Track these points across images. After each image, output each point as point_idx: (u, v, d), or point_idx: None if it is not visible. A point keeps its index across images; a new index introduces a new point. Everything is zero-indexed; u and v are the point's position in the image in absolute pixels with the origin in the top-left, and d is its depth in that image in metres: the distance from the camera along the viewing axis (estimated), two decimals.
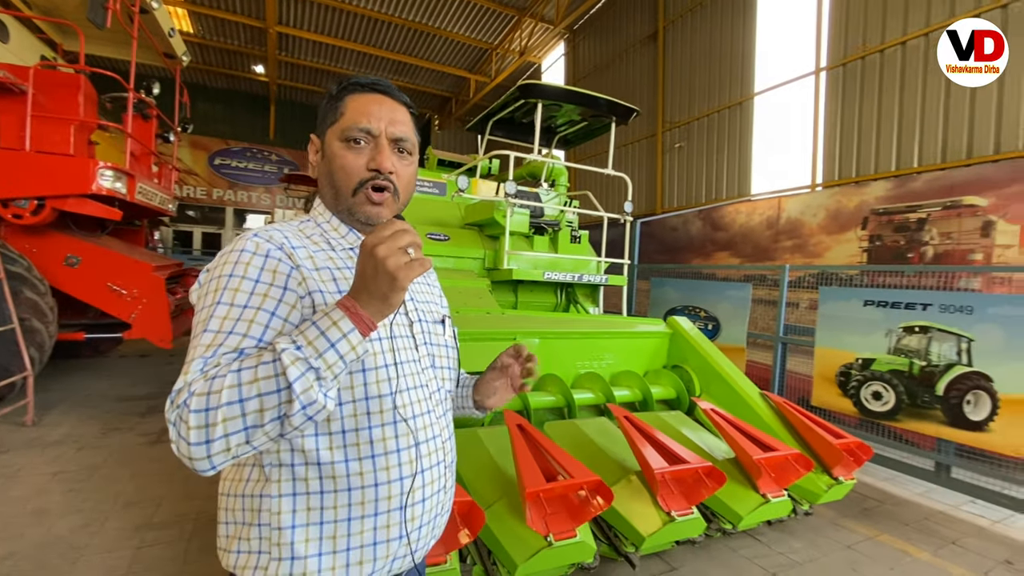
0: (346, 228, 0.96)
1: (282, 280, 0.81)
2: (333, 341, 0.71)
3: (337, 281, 0.88)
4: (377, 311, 0.74)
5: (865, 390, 3.74)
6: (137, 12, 4.67)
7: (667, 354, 3.65)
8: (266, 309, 0.78)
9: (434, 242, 4.25)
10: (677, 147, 10.10)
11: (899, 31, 6.41)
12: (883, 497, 3.38)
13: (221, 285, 0.79)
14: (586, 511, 1.92)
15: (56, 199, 4.16)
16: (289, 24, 13.08)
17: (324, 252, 0.91)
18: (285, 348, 0.69)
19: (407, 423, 0.89)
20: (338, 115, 0.91)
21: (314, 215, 0.98)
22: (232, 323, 0.76)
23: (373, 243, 0.71)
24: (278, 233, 0.87)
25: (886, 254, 5.11)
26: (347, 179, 0.90)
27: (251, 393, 0.68)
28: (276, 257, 0.82)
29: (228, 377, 0.68)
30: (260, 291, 0.79)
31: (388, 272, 0.70)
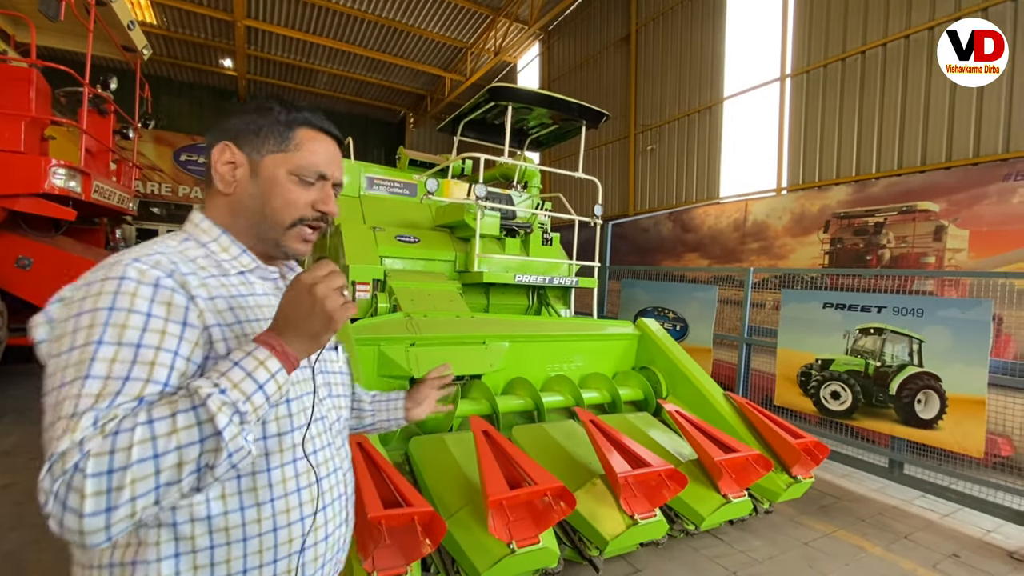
0: (238, 248, 0.87)
1: (180, 314, 0.71)
2: (261, 383, 0.67)
3: (235, 311, 0.80)
4: (303, 349, 0.72)
5: (824, 390, 3.86)
6: (93, 4, 4.49)
7: (636, 356, 3.69)
8: (167, 349, 0.69)
9: (404, 244, 4.21)
10: (649, 149, 10.24)
11: (859, 40, 6.63)
12: (840, 494, 3.49)
13: (98, 320, 0.66)
14: (549, 517, 1.93)
15: (6, 199, 3.98)
16: (258, 18, 12.76)
17: (216, 278, 0.81)
18: (210, 393, 0.63)
19: (308, 459, 0.84)
20: (289, 146, 0.86)
21: (194, 233, 0.86)
22: (126, 367, 0.65)
23: (311, 281, 0.70)
24: (164, 258, 0.75)
25: (846, 256, 5.28)
26: (289, 213, 0.86)
27: (168, 447, 0.60)
28: (168, 287, 0.71)
29: (138, 431, 0.59)
30: (155, 327, 0.68)
31: (326, 312, 0.70)
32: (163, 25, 13.17)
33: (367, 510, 1.61)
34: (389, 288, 3.72)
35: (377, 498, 1.69)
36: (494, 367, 3.14)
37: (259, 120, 0.87)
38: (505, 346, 3.22)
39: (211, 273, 0.81)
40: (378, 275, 3.82)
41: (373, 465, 1.89)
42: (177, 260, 0.77)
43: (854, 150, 6.66)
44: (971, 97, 5.58)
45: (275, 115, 0.88)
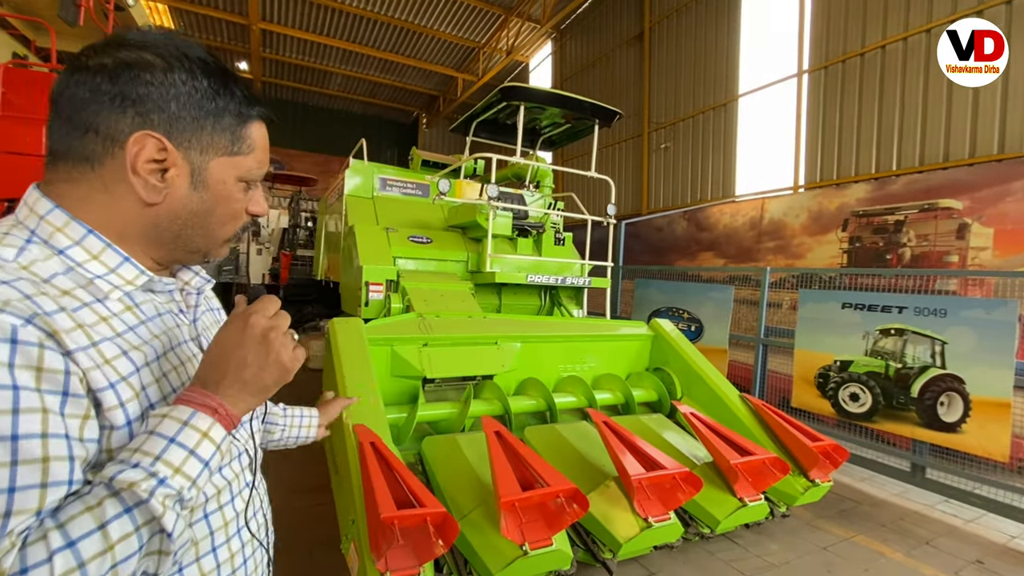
0: (115, 255, 0.61)
1: (57, 381, 0.50)
2: (207, 459, 0.53)
3: (130, 354, 0.58)
4: (247, 407, 0.58)
5: (843, 391, 3.79)
6: (112, 9, 4.57)
7: (649, 357, 3.66)
8: (55, 433, 0.49)
9: (417, 245, 4.22)
10: (663, 148, 10.15)
11: (879, 35, 6.50)
12: (860, 498, 3.42)
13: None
14: (562, 519, 1.92)
15: None
16: (273, 20, 12.91)
17: (87, 308, 0.56)
18: (153, 487, 0.48)
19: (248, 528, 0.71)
20: (242, 147, 0.66)
21: (41, 231, 0.57)
22: (7, 472, 0.45)
23: (265, 327, 0.57)
24: (9, 290, 0.50)
25: (866, 255, 5.18)
26: (231, 226, 0.70)
27: (103, 569, 0.46)
28: (33, 341, 0.49)
29: (58, 561, 0.44)
30: (29, 404, 0.47)
31: (281, 363, 0.58)
32: (181, 29, 13.38)
33: (380, 510, 1.61)
34: (402, 289, 3.73)
35: (390, 498, 1.68)
36: (506, 367, 3.13)
37: (208, 105, 0.62)
38: (517, 347, 3.21)
39: (81, 301, 0.56)
40: (391, 276, 3.83)
41: (386, 465, 1.89)
42: (30, 290, 0.51)
43: (874, 147, 6.53)
44: (995, 92, 5.43)
45: (230, 101, 0.65)
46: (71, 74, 0.58)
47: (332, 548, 2.28)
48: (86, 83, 0.57)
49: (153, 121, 0.59)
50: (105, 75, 0.57)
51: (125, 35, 0.60)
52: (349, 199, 4.66)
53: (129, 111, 0.58)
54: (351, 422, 2.23)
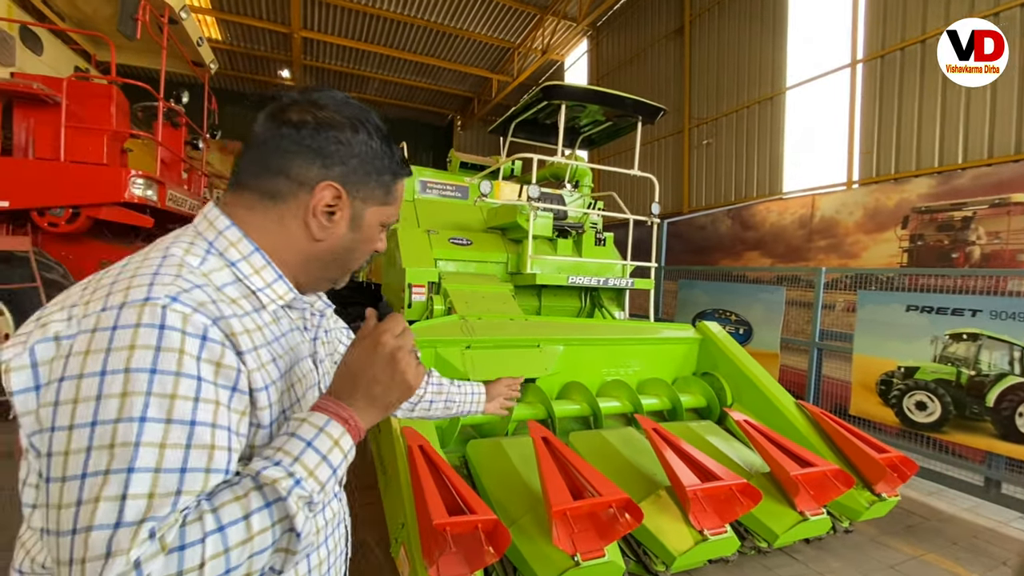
0: (273, 273, 0.68)
1: (231, 377, 0.56)
2: (336, 466, 0.57)
3: (277, 362, 0.65)
4: (372, 419, 0.62)
5: (908, 400, 3.56)
6: (166, 23, 4.77)
7: (697, 361, 3.54)
8: (222, 425, 0.54)
9: (456, 246, 4.22)
10: (705, 144, 9.87)
11: (941, 20, 6.10)
12: (928, 513, 3.21)
13: (136, 387, 0.49)
14: (614, 530, 1.86)
15: (90, 208, 4.28)
16: (313, 28, 13.25)
17: (250, 316, 0.63)
18: (291, 486, 0.53)
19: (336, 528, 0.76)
20: (389, 199, 0.75)
21: (218, 244, 0.65)
22: (180, 452, 0.50)
23: (395, 346, 0.60)
24: (200, 293, 0.57)
25: (929, 254, 4.87)
26: (363, 260, 0.78)
27: (242, 558, 0.50)
28: (218, 340, 0.56)
29: (209, 544, 0.48)
30: (208, 396, 0.53)
31: (407, 382, 0.61)
32: (227, 40, 13.94)
33: (432, 516, 1.59)
34: (444, 291, 3.73)
35: (441, 504, 1.67)
36: (548, 371, 3.08)
37: (377, 163, 0.71)
38: (560, 349, 3.16)
39: (245, 310, 0.63)
40: (433, 278, 3.84)
41: (435, 469, 1.88)
42: (215, 296, 0.59)
43: (936, 139, 6.14)
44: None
45: (391, 161, 0.73)
46: (277, 125, 0.66)
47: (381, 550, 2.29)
48: (290, 136, 0.66)
49: (335, 172, 0.68)
50: (307, 131, 0.66)
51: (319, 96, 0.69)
52: None
53: (318, 162, 0.67)
54: (399, 424, 2.23)
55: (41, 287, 3.96)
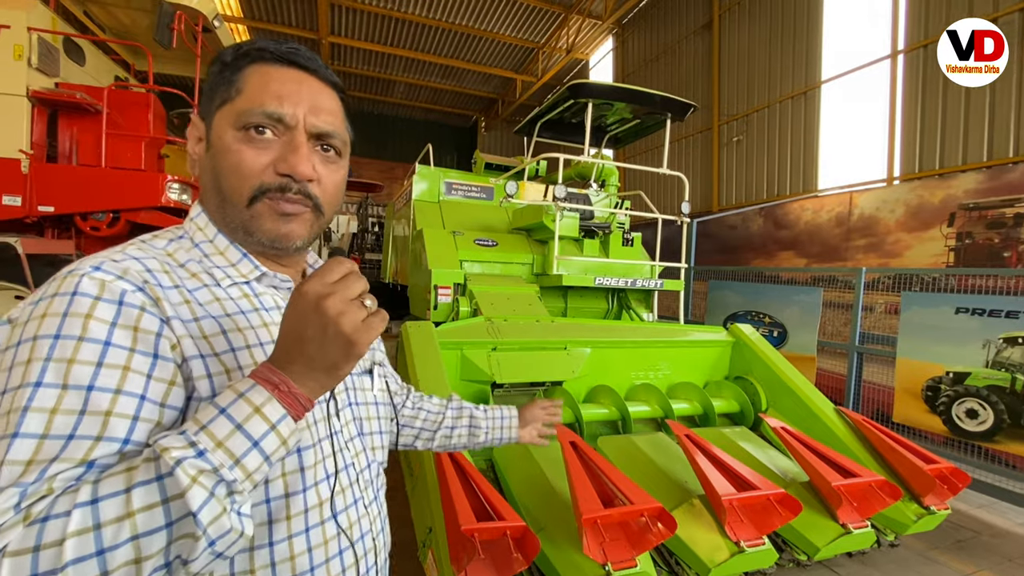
0: (237, 252, 0.66)
1: (149, 343, 0.53)
2: (256, 438, 0.48)
3: (228, 334, 0.60)
4: (317, 387, 0.52)
5: (957, 407, 3.37)
6: (200, 32, 4.90)
7: (729, 364, 3.44)
8: (130, 392, 0.50)
9: (482, 247, 4.21)
10: (735, 140, 9.63)
11: (990, 7, 5.80)
12: (980, 527, 3.03)
13: (38, 354, 0.48)
14: (647, 539, 1.80)
15: (129, 211, 4.43)
16: (341, 34, 13.49)
17: (207, 290, 0.62)
18: (181, 457, 0.45)
19: (326, 526, 0.65)
20: (233, 92, 0.63)
21: (190, 230, 0.67)
22: (71, 419, 0.47)
23: (319, 292, 0.49)
24: (134, 263, 0.57)
25: (978, 253, 4.62)
26: (240, 183, 0.62)
27: (120, 538, 0.43)
28: (135, 304, 0.53)
29: (75, 517, 0.42)
30: (115, 361, 0.50)
31: (343, 334, 0.49)
32: None
33: (460, 521, 1.57)
34: (469, 292, 3.72)
35: (469, 509, 1.64)
36: (576, 373, 3.03)
37: (212, 75, 0.66)
38: (587, 352, 3.11)
39: (201, 283, 0.62)
40: (459, 279, 3.84)
41: (463, 474, 1.85)
42: (157, 267, 0.59)
43: (985, 131, 5.83)
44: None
45: (222, 59, 0.66)
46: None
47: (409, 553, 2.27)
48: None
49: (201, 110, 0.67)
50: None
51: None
52: (417, 204, 4.73)
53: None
54: None
55: None
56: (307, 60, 0.66)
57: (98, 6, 5.01)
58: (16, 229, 4.25)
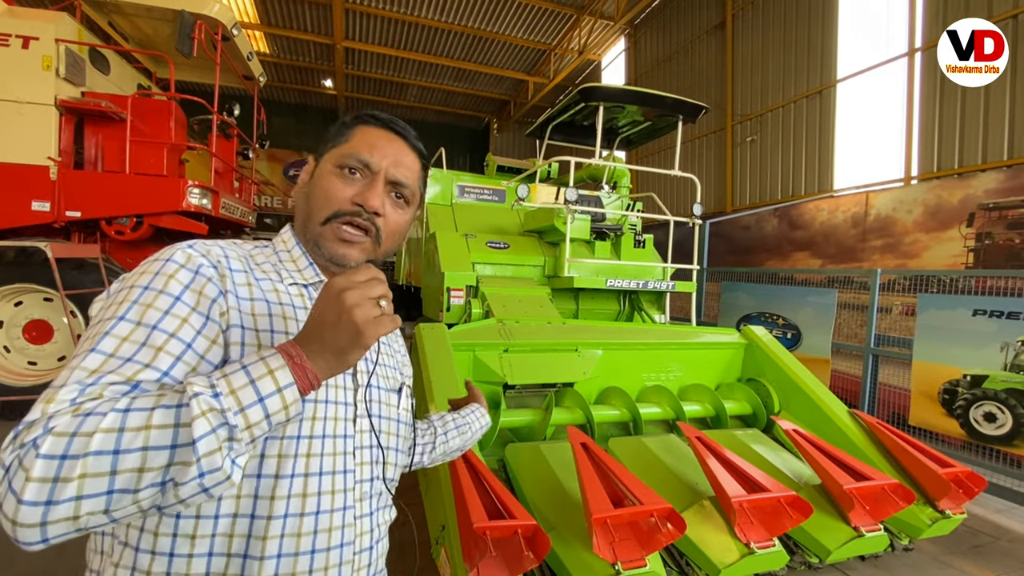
0: (306, 261, 0.81)
1: (206, 305, 0.66)
2: (263, 395, 0.56)
3: (273, 317, 0.72)
4: (327, 367, 0.60)
5: (975, 410, 3.32)
6: (220, 40, 5.01)
7: (742, 366, 3.43)
8: (180, 338, 0.62)
9: (494, 250, 4.25)
10: (749, 140, 9.55)
11: (1009, 3, 5.69)
12: (997, 532, 2.99)
13: (131, 297, 0.63)
14: (656, 539, 1.82)
15: (152, 216, 4.55)
16: (355, 39, 13.64)
17: (270, 282, 0.76)
18: (198, 392, 0.53)
19: (304, 519, 0.69)
20: (342, 140, 0.81)
21: (275, 242, 0.84)
22: (134, 347, 0.59)
23: (342, 286, 0.59)
24: (218, 248, 0.72)
25: (998, 254, 4.54)
26: (325, 204, 0.77)
27: (134, 444, 0.50)
28: (206, 276, 0.67)
29: (109, 417, 0.51)
30: (179, 312, 0.63)
31: (354, 323, 0.57)
32: (274, 53, 14.54)
33: (472, 520, 1.61)
34: (481, 294, 3.76)
35: (481, 508, 1.68)
36: (587, 375, 3.05)
37: (333, 129, 0.85)
38: (598, 354, 3.13)
39: (268, 277, 0.76)
40: (471, 281, 3.88)
41: (475, 473, 1.89)
42: (234, 256, 0.74)
43: (1005, 130, 5.72)
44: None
45: (343, 120, 0.85)
46: None
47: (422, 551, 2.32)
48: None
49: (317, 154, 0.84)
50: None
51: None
52: (429, 207, 4.78)
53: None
54: None
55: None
56: (401, 129, 0.84)
57: (122, 16, 5.14)
58: (45, 234, 4.39)
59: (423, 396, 2.45)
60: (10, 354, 4.32)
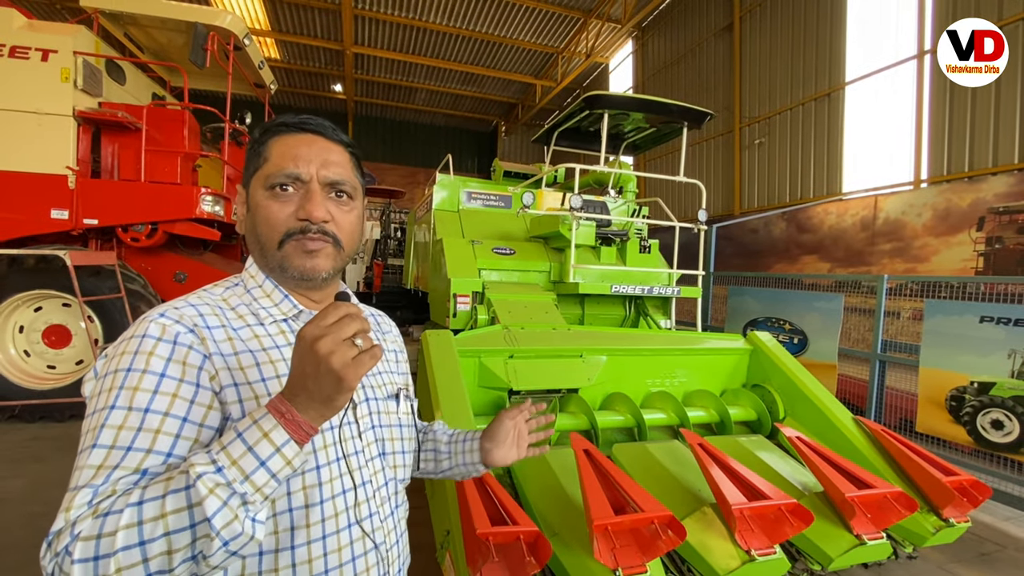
0: (280, 294, 0.80)
1: (193, 374, 0.66)
2: (263, 459, 0.57)
3: (261, 366, 0.73)
4: (318, 415, 0.60)
5: (982, 417, 3.30)
6: (232, 50, 5.11)
7: (747, 372, 3.44)
8: (175, 415, 0.63)
9: (500, 256, 4.29)
10: (757, 143, 9.51)
11: (1020, 4, 5.64)
12: (1005, 540, 2.97)
13: (116, 383, 0.63)
14: (657, 546, 1.85)
15: (166, 223, 4.66)
16: (364, 44, 13.78)
17: (249, 328, 0.76)
18: (202, 472, 0.55)
19: (340, 535, 0.74)
20: (261, 161, 0.78)
21: (244, 278, 0.82)
22: (131, 434, 0.60)
23: (314, 335, 0.57)
24: (190, 310, 0.72)
25: (1008, 259, 4.50)
26: (271, 231, 0.76)
27: (156, 533, 0.53)
28: (186, 344, 0.67)
29: (126, 514, 0.54)
30: (167, 389, 0.64)
31: (332, 371, 0.57)
32: (284, 59, 14.72)
33: (475, 525, 1.64)
34: (487, 300, 3.80)
35: (484, 514, 1.72)
36: (592, 381, 3.08)
37: (248, 150, 0.82)
38: (603, 360, 3.15)
39: (245, 323, 0.76)
40: (477, 287, 3.92)
41: (480, 480, 1.93)
42: (206, 312, 0.73)
43: (1016, 133, 5.66)
44: None
45: (253, 136, 0.82)
46: None
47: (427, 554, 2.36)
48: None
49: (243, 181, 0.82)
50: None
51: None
52: (437, 213, 4.84)
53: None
54: None
55: (125, 297, 4.35)
56: (316, 126, 0.80)
57: (137, 28, 5.27)
58: (62, 241, 4.51)
59: (429, 402, 2.50)
60: (30, 358, 4.44)
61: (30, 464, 3.47)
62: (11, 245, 4.26)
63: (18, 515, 2.80)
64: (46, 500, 2.96)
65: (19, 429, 4.14)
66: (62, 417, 4.31)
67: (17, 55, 4.28)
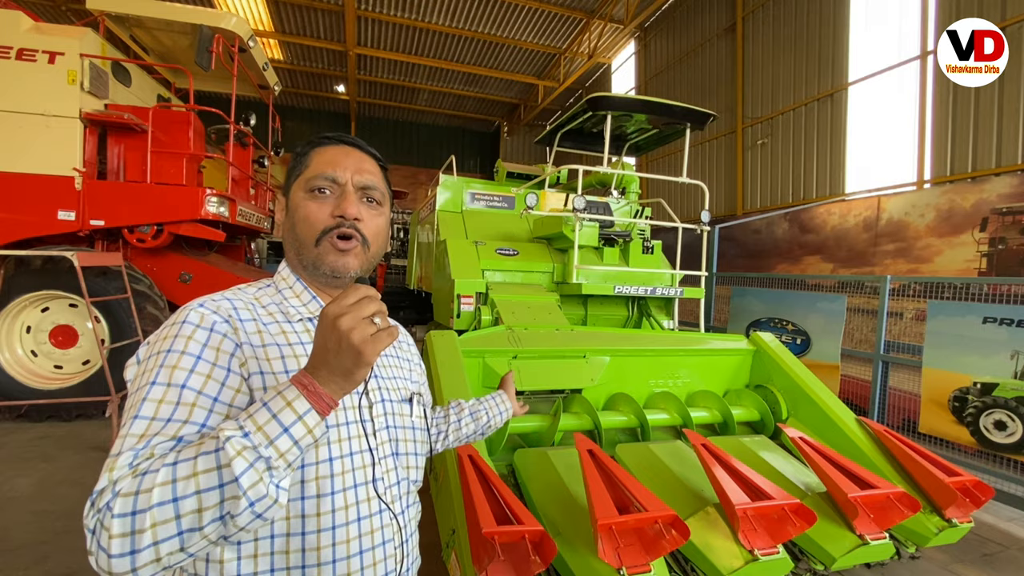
0: (309, 295, 0.89)
1: (225, 360, 0.73)
2: (287, 425, 0.62)
3: (285, 359, 0.79)
4: (339, 388, 0.65)
5: (985, 418, 3.31)
6: (236, 52, 5.14)
7: (750, 373, 3.45)
8: (207, 394, 0.70)
9: (503, 257, 4.31)
10: (760, 143, 9.51)
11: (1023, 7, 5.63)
12: (1008, 541, 2.97)
13: (158, 362, 0.71)
14: (660, 546, 1.86)
15: (172, 224, 4.69)
16: (367, 45, 13.82)
17: (277, 324, 0.83)
18: (231, 436, 0.60)
19: (349, 527, 0.78)
20: (303, 167, 0.88)
21: (276, 280, 0.91)
22: (170, 407, 0.67)
23: (335, 313, 0.63)
24: (227, 303, 0.80)
25: (1012, 259, 4.50)
26: (310, 229, 0.84)
27: (188, 491, 0.58)
28: (221, 332, 0.75)
29: (161, 472, 0.59)
30: (202, 370, 0.71)
31: (352, 346, 0.62)
32: (288, 60, 14.77)
33: (481, 525, 1.66)
34: (491, 301, 3.82)
35: (490, 513, 1.73)
36: (595, 381, 3.09)
37: (291, 162, 0.92)
38: (606, 360, 3.17)
39: (274, 319, 0.83)
40: (480, 288, 3.94)
41: (485, 480, 1.95)
42: (240, 306, 0.81)
43: (1020, 133, 5.65)
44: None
45: (296, 151, 0.92)
46: None
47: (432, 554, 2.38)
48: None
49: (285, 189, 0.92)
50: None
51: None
52: (440, 214, 4.86)
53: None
54: None
55: (131, 297, 4.38)
56: (353, 140, 0.91)
57: (143, 30, 5.30)
58: (69, 242, 4.55)
59: (434, 400, 2.51)
60: (37, 358, 4.48)
61: (38, 463, 3.50)
62: (18, 246, 4.30)
63: (26, 512, 2.83)
64: (54, 498, 3.00)
65: (26, 428, 4.18)
66: (69, 416, 4.34)
67: (24, 57, 4.31)
